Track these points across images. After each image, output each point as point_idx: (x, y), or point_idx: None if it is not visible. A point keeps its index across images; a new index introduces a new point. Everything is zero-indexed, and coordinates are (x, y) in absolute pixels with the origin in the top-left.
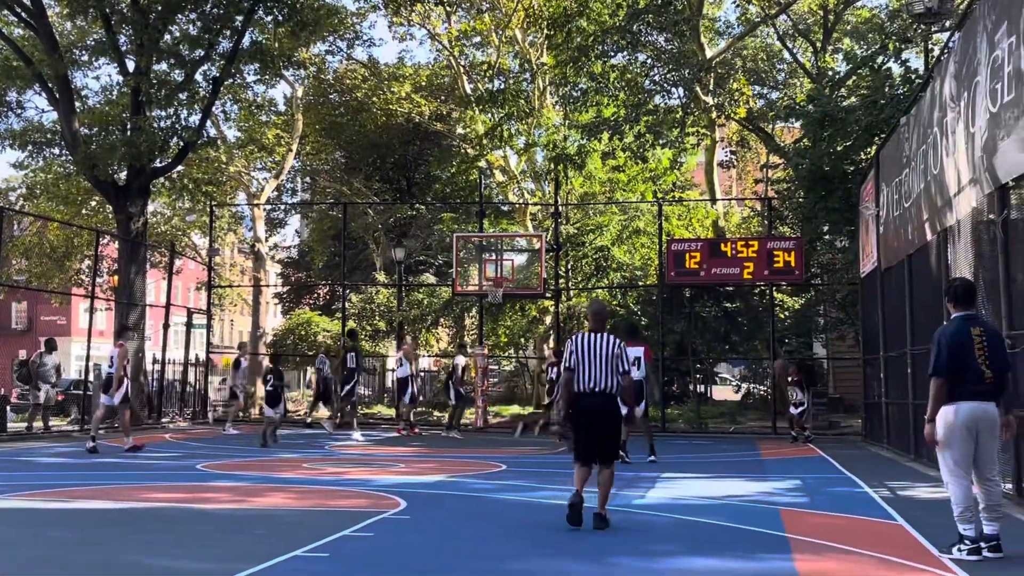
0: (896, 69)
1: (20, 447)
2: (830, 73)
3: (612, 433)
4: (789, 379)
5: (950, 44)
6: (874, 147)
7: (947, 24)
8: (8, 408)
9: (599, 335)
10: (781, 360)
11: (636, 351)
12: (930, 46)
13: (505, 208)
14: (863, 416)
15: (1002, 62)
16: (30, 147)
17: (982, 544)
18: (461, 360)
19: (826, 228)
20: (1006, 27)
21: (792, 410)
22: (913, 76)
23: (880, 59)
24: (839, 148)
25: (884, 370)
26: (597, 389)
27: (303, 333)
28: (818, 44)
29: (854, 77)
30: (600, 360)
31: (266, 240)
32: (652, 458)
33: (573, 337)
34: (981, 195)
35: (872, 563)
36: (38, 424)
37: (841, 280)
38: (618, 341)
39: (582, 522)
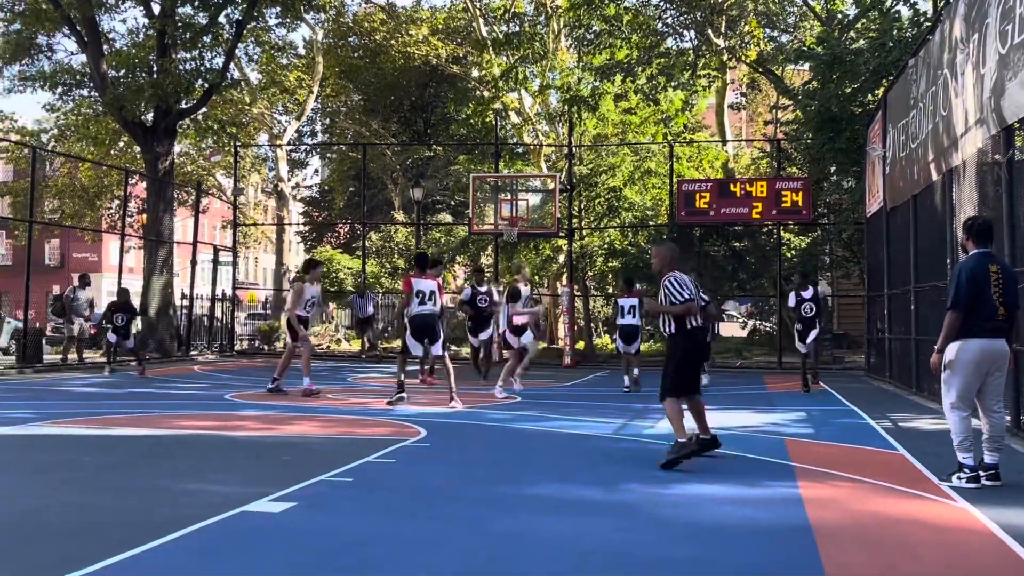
0: (905, 12)
1: (55, 377)
2: (840, 16)
3: None
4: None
5: None
6: (882, 89)
7: None
8: (44, 341)
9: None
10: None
11: (632, 300)
12: None
13: (520, 149)
14: (866, 351)
15: (1013, 3)
16: (60, 89)
17: (981, 473)
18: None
19: (833, 169)
20: None
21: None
22: (922, 19)
23: (889, 2)
24: (847, 90)
25: (887, 307)
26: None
27: (325, 270)
28: None
29: (863, 20)
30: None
31: (288, 180)
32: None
33: (678, 274)
34: (987, 136)
35: (874, 490)
36: (72, 356)
37: (847, 220)
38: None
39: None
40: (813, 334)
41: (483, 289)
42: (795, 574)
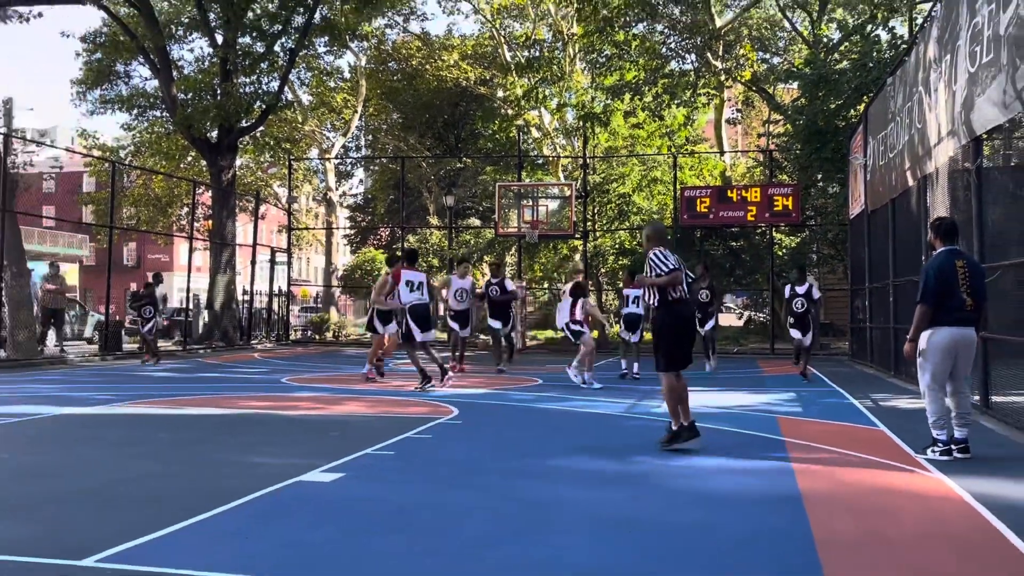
0: (884, 36)
1: (133, 363)
2: (825, 40)
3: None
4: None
5: (933, 12)
6: (863, 105)
7: None
8: (122, 332)
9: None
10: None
11: (636, 291)
12: (914, 15)
13: (540, 161)
14: (849, 339)
15: (982, 27)
16: (136, 110)
17: (953, 447)
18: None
19: (820, 176)
20: None
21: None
22: (899, 42)
23: (869, 27)
24: (832, 106)
25: (869, 299)
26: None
27: (368, 268)
28: (814, 15)
29: (846, 44)
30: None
31: (336, 189)
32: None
33: (663, 249)
34: (958, 145)
35: (858, 462)
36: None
37: (832, 221)
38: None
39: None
40: (808, 337)
41: (495, 280)
42: (787, 536)
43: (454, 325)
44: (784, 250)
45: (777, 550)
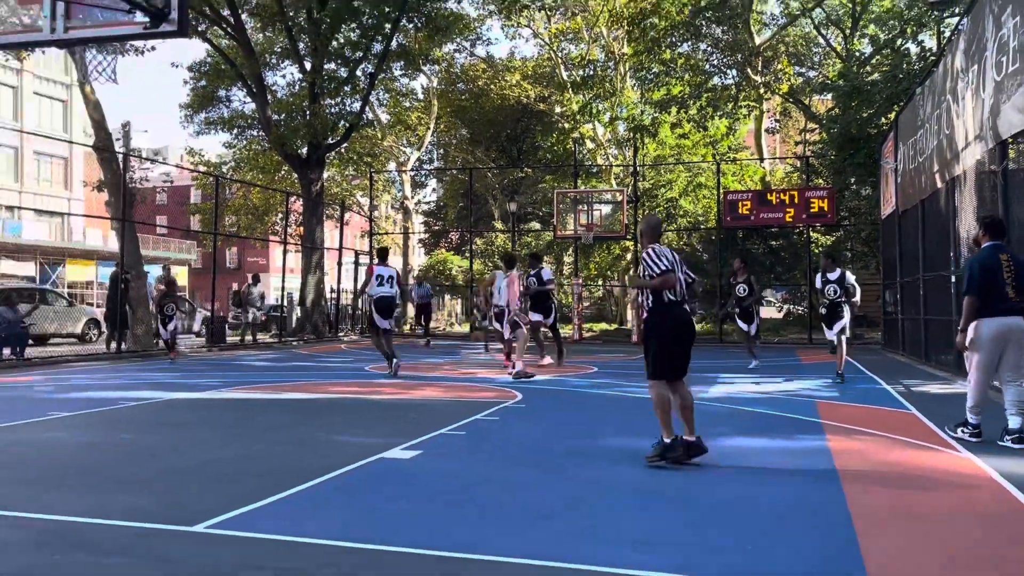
0: (913, 49)
1: (235, 354)
2: (857, 54)
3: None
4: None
5: (960, 26)
6: (893, 113)
7: (957, 10)
8: (226, 326)
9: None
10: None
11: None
12: (942, 29)
13: (594, 169)
14: (882, 329)
15: (1008, 39)
16: (236, 130)
17: (1008, 436)
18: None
19: (853, 180)
20: (1011, 9)
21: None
22: (928, 54)
23: (899, 41)
24: (864, 115)
25: (900, 292)
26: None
27: (440, 268)
28: (847, 31)
29: (877, 57)
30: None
31: (411, 198)
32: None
33: (657, 246)
34: (985, 149)
35: (891, 443)
36: (248, 338)
37: (865, 221)
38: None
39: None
40: (838, 324)
41: (532, 271)
42: (825, 509)
43: (498, 325)
44: (820, 248)
45: (816, 520)
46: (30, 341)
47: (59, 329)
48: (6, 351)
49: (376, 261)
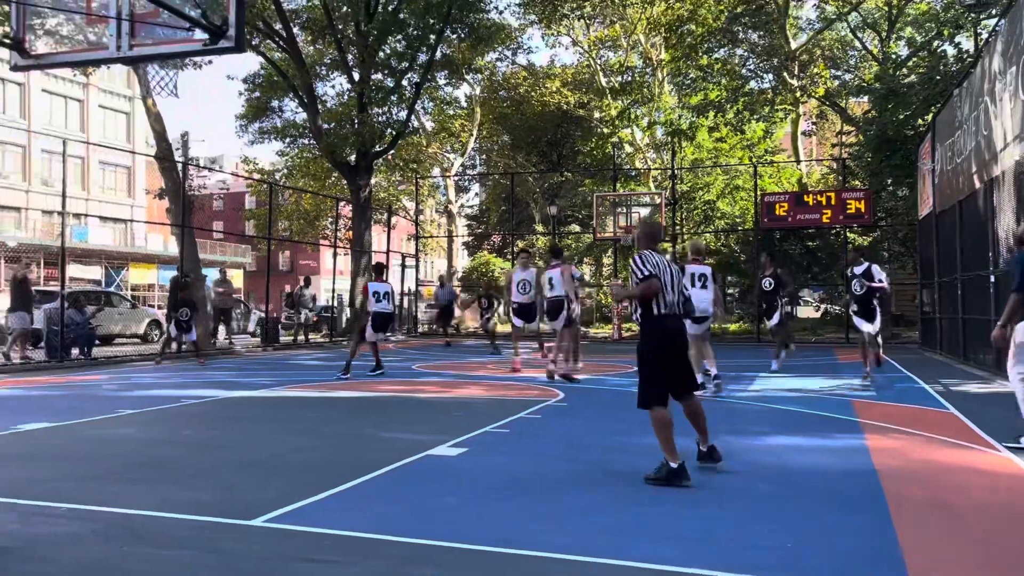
0: (950, 51)
1: (288, 354)
2: (893, 56)
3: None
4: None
5: (998, 28)
6: (930, 115)
7: (994, 12)
8: (280, 327)
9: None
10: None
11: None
12: (979, 31)
13: (633, 173)
14: (919, 329)
15: None
16: (288, 139)
17: None
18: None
19: (889, 181)
20: None
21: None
22: (965, 56)
23: (936, 43)
24: (900, 117)
25: (938, 292)
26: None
27: (483, 270)
28: (883, 33)
29: (914, 59)
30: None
31: (455, 202)
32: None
33: (647, 252)
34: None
35: (929, 442)
36: (300, 338)
37: (902, 222)
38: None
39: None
40: (867, 326)
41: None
42: (863, 503)
43: (518, 321)
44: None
45: (856, 518)
46: (96, 341)
47: (123, 330)
48: (75, 351)
49: (372, 278)
